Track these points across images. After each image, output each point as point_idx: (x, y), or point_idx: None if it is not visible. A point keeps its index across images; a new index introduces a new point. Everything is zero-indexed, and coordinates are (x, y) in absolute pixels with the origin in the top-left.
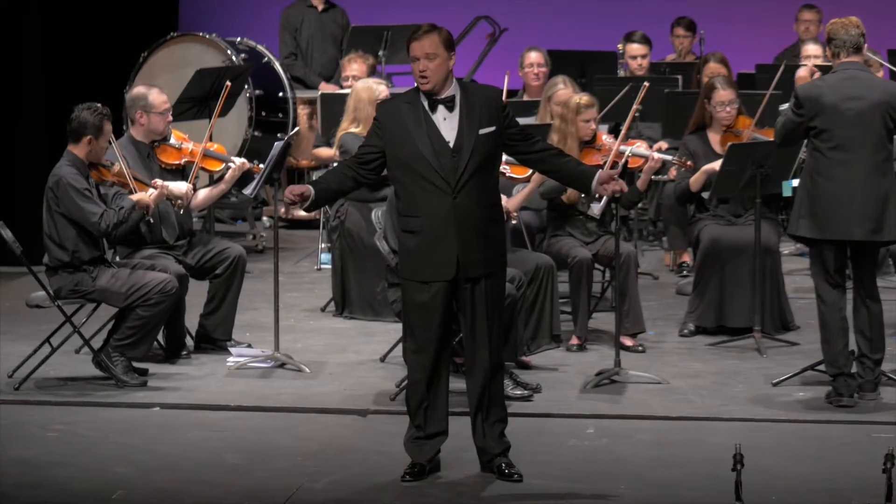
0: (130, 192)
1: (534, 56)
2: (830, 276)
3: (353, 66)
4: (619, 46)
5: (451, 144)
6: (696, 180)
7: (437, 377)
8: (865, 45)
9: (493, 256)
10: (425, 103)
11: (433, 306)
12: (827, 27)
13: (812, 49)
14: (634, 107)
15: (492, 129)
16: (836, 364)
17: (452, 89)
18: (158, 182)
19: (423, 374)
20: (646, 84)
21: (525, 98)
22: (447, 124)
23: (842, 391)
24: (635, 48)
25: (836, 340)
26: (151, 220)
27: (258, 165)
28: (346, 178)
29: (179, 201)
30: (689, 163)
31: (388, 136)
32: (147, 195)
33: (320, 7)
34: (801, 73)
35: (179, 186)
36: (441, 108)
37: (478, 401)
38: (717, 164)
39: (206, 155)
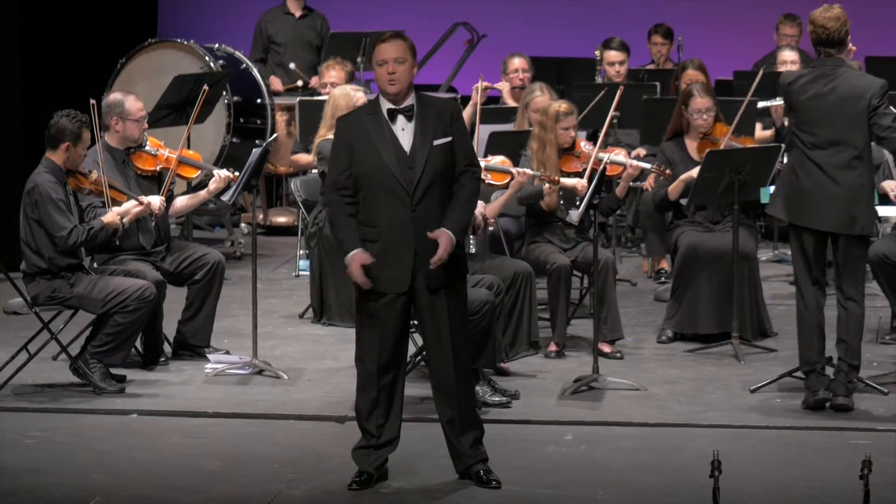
0: (104, 204)
1: (517, 62)
2: (809, 268)
3: (332, 72)
4: (597, 53)
5: (408, 154)
6: (674, 189)
7: (387, 387)
8: (849, 39)
9: (453, 267)
10: (386, 114)
11: (385, 316)
12: (809, 18)
13: (789, 55)
14: (611, 113)
15: (447, 139)
16: (809, 360)
17: (411, 99)
18: (144, 199)
19: (371, 383)
20: (621, 87)
21: (510, 103)
22: (405, 135)
23: (816, 386)
24: (613, 55)
25: (811, 336)
26: (118, 242)
27: (235, 174)
28: (354, 221)
29: (152, 217)
30: (667, 171)
31: (353, 148)
32: (118, 218)
33: (297, 14)
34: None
35: (153, 201)
36: (400, 118)
37: (448, 419)
38: (695, 172)
39: (182, 162)
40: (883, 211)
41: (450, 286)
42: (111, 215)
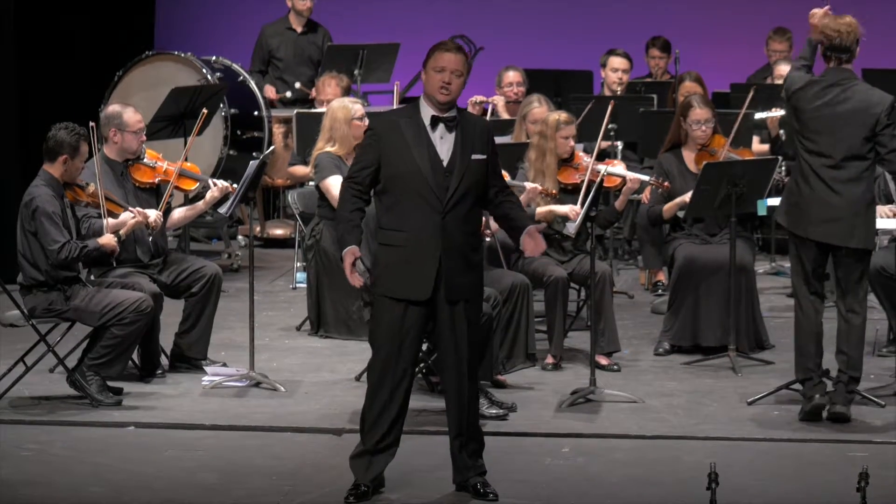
0: (100, 216)
1: (512, 75)
2: (807, 278)
3: (328, 88)
4: (602, 61)
5: (445, 164)
6: (669, 209)
7: (396, 397)
8: (858, 50)
9: (474, 281)
10: (426, 120)
11: (404, 326)
12: (821, 25)
13: (784, 69)
14: (605, 125)
15: (483, 157)
16: (805, 368)
17: (454, 111)
18: (138, 211)
19: (383, 392)
20: (612, 101)
21: (505, 116)
22: (443, 144)
23: (811, 393)
24: (618, 61)
25: (808, 345)
26: (115, 264)
27: (233, 186)
28: (360, 216)
29: (149, 230)
30: (665, 184)
31: (385, 149)
32: (114, 239)
33: (299, 29)
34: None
35: (149, 214)
36: (441, 126)
37: (457, 429)
38: (688, 198)
39: (181, 174)
40: (881, 224)
41: (469, 298)
42: (107, 238)
